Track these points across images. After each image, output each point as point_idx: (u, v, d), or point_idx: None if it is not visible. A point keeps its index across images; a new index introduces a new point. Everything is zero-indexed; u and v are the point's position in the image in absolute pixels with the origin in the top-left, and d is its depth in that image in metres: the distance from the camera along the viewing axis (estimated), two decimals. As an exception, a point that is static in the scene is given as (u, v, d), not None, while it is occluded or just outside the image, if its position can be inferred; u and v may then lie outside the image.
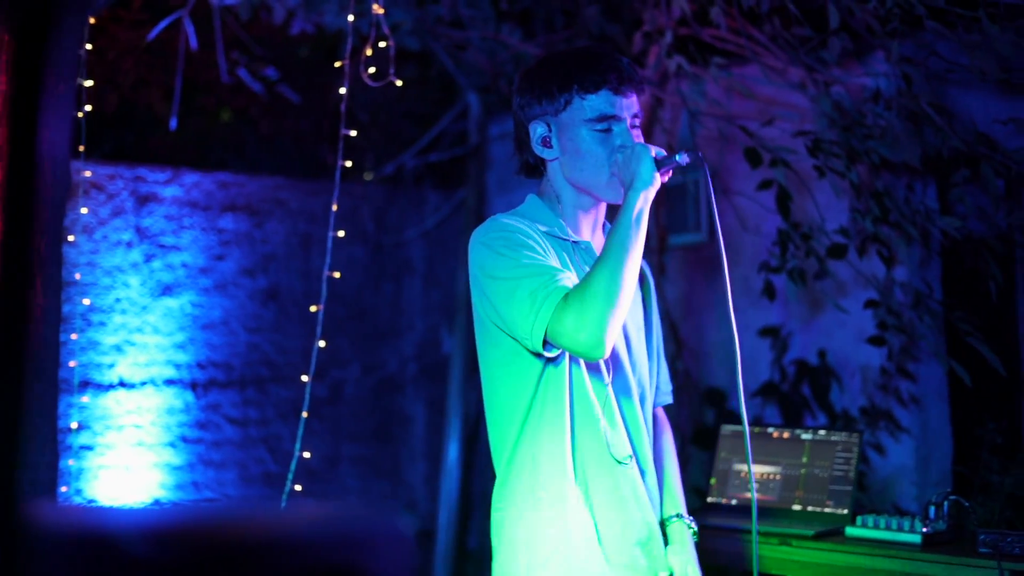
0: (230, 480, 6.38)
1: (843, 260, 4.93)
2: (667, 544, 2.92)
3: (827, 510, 3.95)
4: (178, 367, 6.23)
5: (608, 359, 2.82)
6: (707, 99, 5.41)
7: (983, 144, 4.66)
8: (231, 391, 6.41)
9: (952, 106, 4.93)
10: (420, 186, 7.37)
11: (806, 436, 4.12)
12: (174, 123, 6.09)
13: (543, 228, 2.78)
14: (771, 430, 4.21)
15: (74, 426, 5.66)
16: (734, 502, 4.16)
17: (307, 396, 4.37)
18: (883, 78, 4.85)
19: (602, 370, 2.80)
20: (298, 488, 4.48)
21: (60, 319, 3.96)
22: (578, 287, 2.57)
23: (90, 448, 5.89)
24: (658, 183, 2.71)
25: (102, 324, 6.00)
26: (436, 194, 7.40)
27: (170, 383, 6.19)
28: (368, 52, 4.54)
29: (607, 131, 2.79)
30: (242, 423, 6.44)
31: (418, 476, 7.15)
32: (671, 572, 2.88)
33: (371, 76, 4.57)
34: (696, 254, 6.03)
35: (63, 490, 5.26)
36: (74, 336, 5.69)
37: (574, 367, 2.76)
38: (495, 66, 6.54)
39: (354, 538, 1.11)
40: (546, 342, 2.60)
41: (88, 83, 4.39)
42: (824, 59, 4.91)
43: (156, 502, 6.07)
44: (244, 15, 5.93)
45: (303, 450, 4.39)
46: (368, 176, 7.23)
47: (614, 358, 2.84)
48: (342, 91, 4.40)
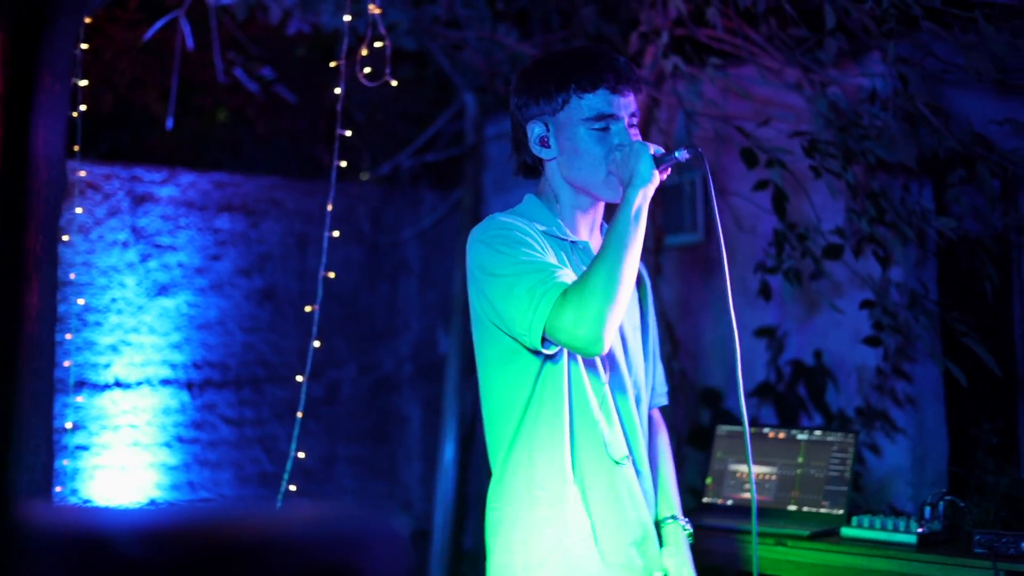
0: (226, 480, 6.38)
1: (839, 260, 4.94)
2: (662, 546, 2.92)
3: (823, 510, 3.95)
4: (174, 367, 6.22)
5: (605, 359, 2.81)
6: (703, 99, 5.41)
7: (979, 145, 4.66)
8: (227, 391, 6.41)
9: (948, 106, 4.94)
10: (416, 186, 7.37)
11: (802, 436, 4.12)
12: (170, 123, 6.08)
13: (541, 228, 2.78)
14: (767, 430, 4.21)
15: (69, 426, 5.65)
16: (730, 502, 4.16)
17: (303, 396, 4.37)
18: (879, 78, 4.85)
19: (599, 370, 2.80)
20: (293, 488, 4.48)
21: (56, 319, 3.95)
22: (577, 283, 2.56)
23: (86, 448, 5.89)
24: (657, 180, 2.70)
25: (98, 324, 6.00)
26: (432, 194, 7.40)
27: (166, 383, 6.19)
28: (364, 52, 4.54)
29: (605, 130, 2.78)
30: (238, 423, 6.43)
31: (414, 476, 7.15)
32: (666, 573, 2.88)
33: (367, 76, 4.57)
34: (692, 254, 6.03)
35: (58, 490, 5.25)
36: (69, 336, 5.68)
37: (572, 366, 2.75)
38: (491, 66, 6.53)
39: (348, 538, 1.11)
40: (544, 339, 2.59)
41: (84, 83, 4.39)
42: (820, 59, 4.91)
43: (152, 502, 6.07)
44: (240, 15, 5.92)
45: (299, 450, 4.38)
46: (364, 176, 7.23)
47: (610, 358, 2.83)
48: (338, 91, 4.40)
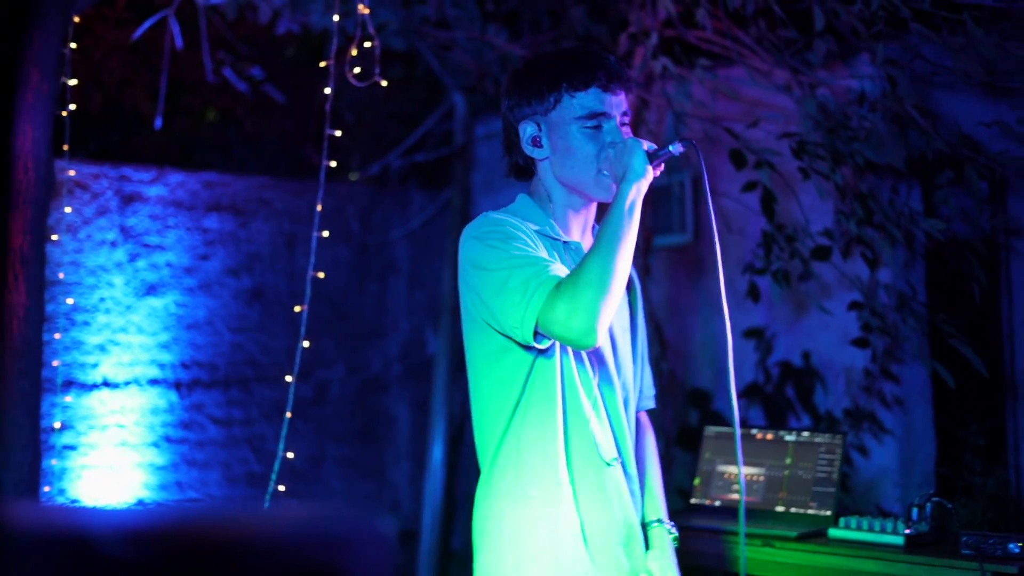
0: (214, 480, 6.37)
1: (827, 262, 4.94)
2: (648, 548, 2.92)
3: (810, 511, 3.96)
4: (162, 367, 6.21)
5: (594, 360, 2.82)
6: (692, 101, 5.41)
7: (967, 146, 4.67)
8: (215, 391, 6.40)
9: (936, 108, 4.95)
10: (405, 186, 7.37)
11: (790, 438, 4.13)
12: (159, 122, 6.08)
13: (534, 227, 2.78)
14: (755, 431, 4.22)
15: (57, 426, 5.64)
16: (718, 503, 4.16)
17: (291, 396, 4.37)
18: (868, 80, 4.86)
19: (589, 371, 2.80)
20: (282, 488, 4.47)
21: (43, 318, 3.95)
22: (570, 275, 2.56)
23: (73, 448, 5.88)
24: (650, 176, 2.70)
25: (86, 324, 5.99)
26: (421, 194, 7.40)
27: (154, 383, 6.18)
28: (354, 52, 4.54)
29: (597, 128, 2.79)
30: (226, 423, 6.43)
31: (402, 476, 7.15)
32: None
33: (357, 76, 4.56)
34: (681, 255, 6.04)
35: (46, 490, 5.24)
36: (57, 335, 5.68)
37: (564, 365, 2.75)
38: (481, 67, 6.53)
39: (334, 539, 1.11)
40: (537, 333, 2.59)
41: (73, 82, 4.38)
42: (809, 61, 4.92)
43: (139, 502, 6.06)
44: (230, 14, 5.92)
45: (287, 450, 4.38)
46: (353, 176, 7.23)
47: (600, 360, 2.83)
48: (327, 91, 4.39)
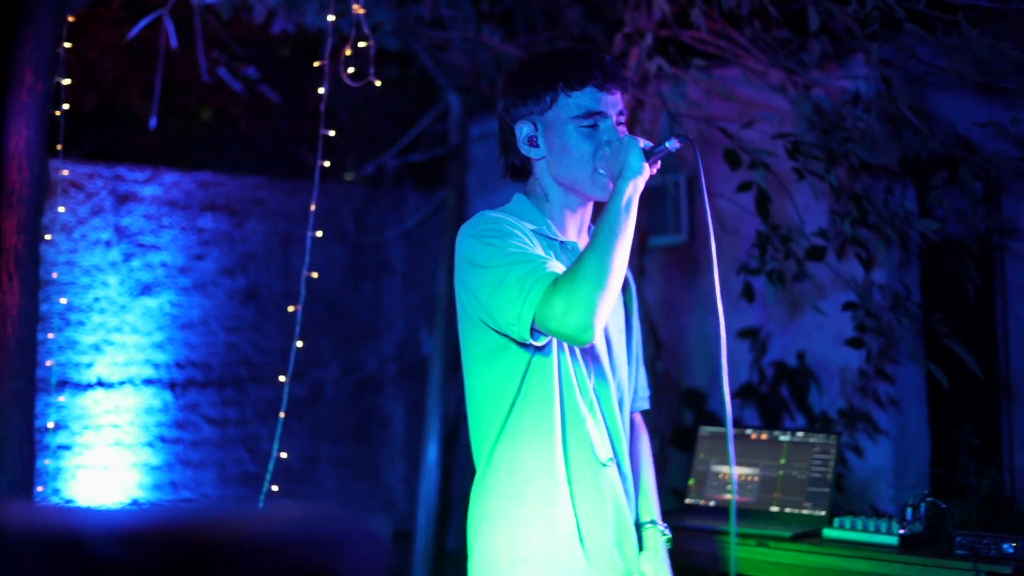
0: (208, 480, 6.36)
1: (822, 262, 4.95)
2: (641, 550, 2.92)
3: (805, 511, 3.96)
4: (157, 367, 6.21)
5: (589, 360, 2.82)
6: (687, 101, 5.41)
7: (962, 147, 4.68)
8: (210, 391, 6.40)
9: (931, 109, 4.95)
10: (400, 186, 7.37)
11: (784, 438, 4.13)
12: (154, 122, 6.07)
13: (531, 227, 2.79)
14: (749, 432, 4.22)
15: (51, 425, 5.64)
16: (712, 503, 4.16)
17: (285, 396, 4.36)
18: (863, 81, 4.86)
19: (584, 371, 2.80)
20: (276, 488, 4.47)
21: (37, 318, 3.94)
22: (567, 271, 2.56)
23: (68, 448, 5.87)
24: (647, 173, 2.71)
25: (80, 323, 5.98)
26: (416, 194, 7.39)
27: (149, 383, 6.17)
28: (348, 52, 4.53)
29: (593, 127, 2.80)
30: (221, 423, 6.42)
31: (397, 476, 7.15)
32: (643, 577, 2.89)
33: (351, 76, 4.56)
34: (676, 255, 6.04)
35: (40, 490, 5.24)
36: (52, 335, 5.67)
37: (561, 364, 2.76)
38: (476, 67, 6.53)
39: (327, 539, 1.11)
40: (534, 330, 2.59)
41: (67, 81, 4.37)
42: (804, 61, 4.92)
43: (134, 502, 6.05)
44: (225, 14, 5.91)
45: (282, 450, 4.38)
46: (348, 176, 7.22)
47: (595, 360, 2.84)
48: (322, 91, 4.39)
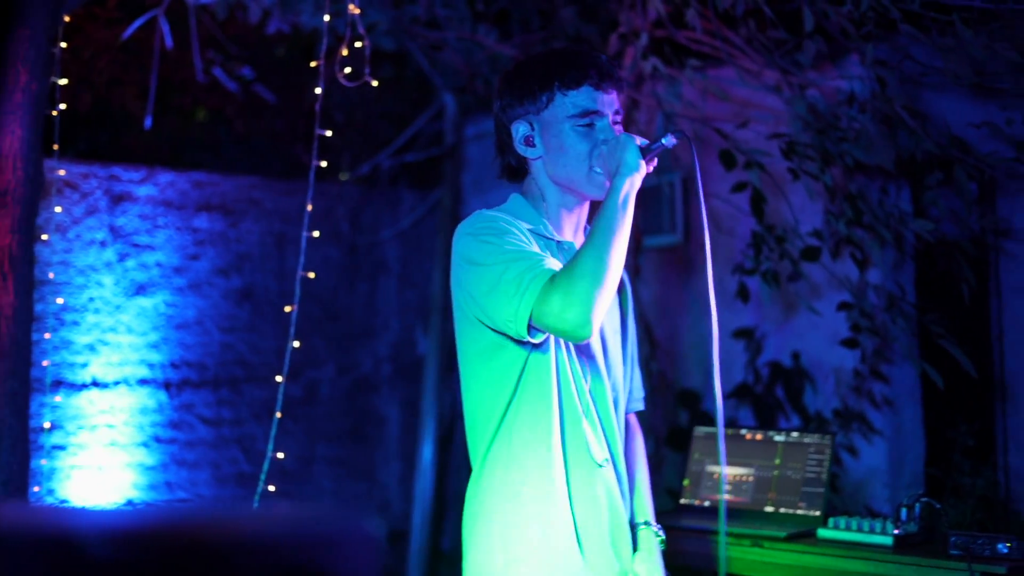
0: (203, 480, 6.36)
1: (817, 262, 4.95)
2: (635, 550, 2.92)
3: (799, 512, 3.96)
4: (151, 367, 6.20)
5: (585, 360, 2.82)
6: (682, 101, 5.42)
7: (956, 147, 4.68)
8: (205, 391, 6.39)
9: (926, 109, 4.96)
10: (395, 186, 7.36)
11: (779, 438, 4.13)
12: (149, 122, 6.07)
13: (527, 226, 2.79)
14: (744, 432, 4.22)
15: (46, 426, 5.63)
16: (707, 504, 4.16)
17: (280, 396, 4.36)
18: (857, 81, 4.87)
19: (580, 371, 2.80)
20: (271, 489, 4.47)
21: (32, 318, 3.94)
22: (565, 268, 2.57)
23: (62, 448, 5.87)
24: (644, 170, 2.71)
25: (75, 323, 5.98)
26: (411, 194, 7.39)
27: (143, 383, 6.17)
28: (344, 52, 4.53)
29: (590, 126, 2.81)
30: (216, 423, 6.42)
31: (392, 477, 7.14)
32: (636, 578, 2.89)
33: (347, 76, 4.56)
34: (671, 255, 6.04)
35: (35, 490, 5.23)
36: (47, 335, 5.67)
37: (559, 363, 2.76)
38: (471, 67, 6.53)
39: (321, 539, 1.11)
40: (531, 327, 2.59)
41: (63, 81, 4.37)
42: (799, 62, 4.93)
43: (129, 502, 6.05)
44: (220, 14, 5.91)
45: (277, 450, 4.38)
46: (344, 176, 7.22)
47: (591, 360, 2.84)
48: (318, 91, 4.39)
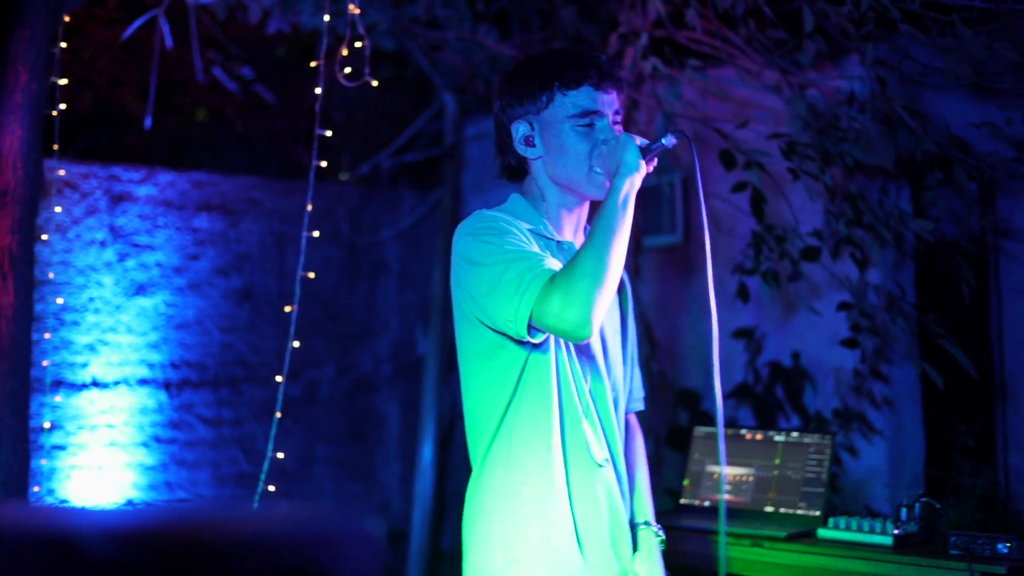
0: (203, 480, 6.36)
1: (817, 262, 4.95)
2: (635, 551, 2.93)
3: (799, 512, 3.96)
4: (151, 367, 6.20)
5: (585, 361, 2.82)
6: (682, 101, 5.42)
7: (956, 147, 4.68)
8: (205, 391, 6.39)
9: (926, 109, 4.96)
10: (395, 186, 7.37)
11: (779, 438, 4.13)
12: (149, 122, 6.07)
13: (527, 226, 2.79)
14: (744, 432, 4.22)
15: (47, 426, 5.63)
16: (707, 504, 4.16)
17: (280, 396, 4.36)
18: (857, 81, 4.87)
19: (580, 371, 2.80)
20: (271, 489, 4.47)
21: (32, 318, 3.94)
22: (565, 267, 2.57)
23: (62, 448, 5.87)
24: (644, 170, 2.71)
25: (75, 323, 5.98)
26: (411, 194, 7.39)
27: (143, 383, 6.17)
28: (344, 52, 4.53)
29: (590, 126, 2.81)
30: (216, 423, 6.42)
31: (392, 477, 7.14)
32: (636, 578, 2.89)
33: (347, 76, 4.56)
34: (671, 255, 6.04)
35: (35, 490, 5.23)
36: (47, 335, 5.67)
37: (559, 363, 2.76)
38: (471, 67, 6.53)
39: (321, 539, 1.11)
40: (531, 327, 2.60)
41: (63, 81, 4.37)
42: (799, 62, 4.93)
43: (129, 502, 6.05)
44: (220, 14, 5.91)
45: (277, 450, 4.38)
46: (344, 176, 7.22)
47: (591, 360, 2.84)
48: (318, 91, 4.39)
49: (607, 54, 5.33)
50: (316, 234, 4.53)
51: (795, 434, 4.12)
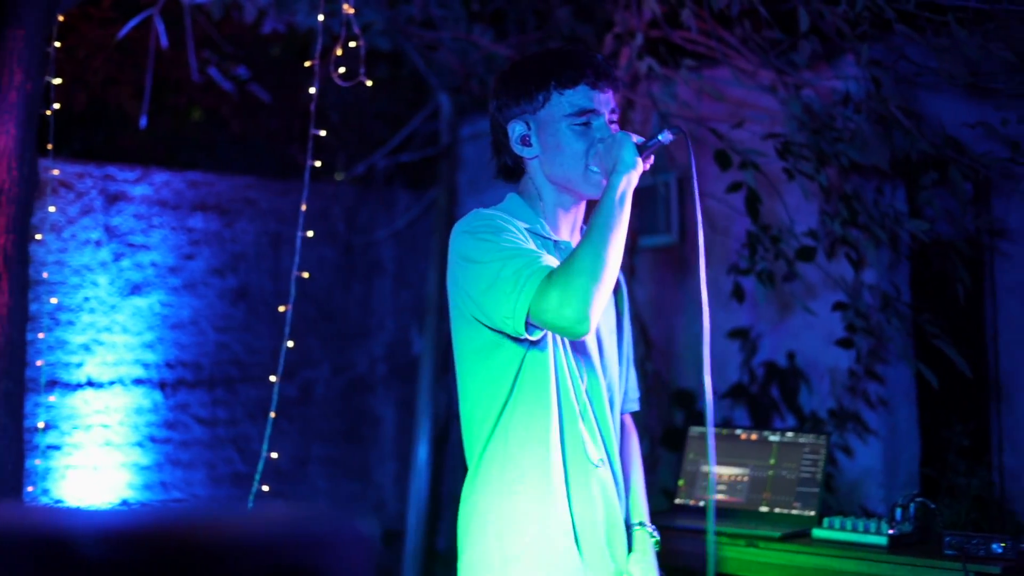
0: (198, 480, 6.36)
1: (812, 262, 4.95)
2: (630, 551, 2.93)
3: (794, 512, 3.97)
4: (147, 366, 6.20)
5: (581, 360, 2.82)
6: (677, 101, 5.42)
7: (951, 147, 4.68)
8: (200, 391, 6.39)
9: (921, 109, 4.96)
10: (391, 186, 7.36)
11: (774, 438, 4.13)
12: (144, 121, 6.06)
13: (524, 225, 2.79)
14: (739, 432, 4.22)
15: (41, 425, 5.62)
16: (702, 504, 4.16)
17: (275, 396, 4.36)
18: (852, 81, 4.87)
19: (577, 371, 2.80)
20: (266, 489, 4.46)
21: (27, 318, 3.94)
22: (563, 264, 2.57)
23: (57, 448, 5.86)
24: (640, 168, 2.71)
25: (70, 323, 5.97)
26: (407, 194, 7.39)
27: (138, 383, 6.16)
28: (339, 52, 4.53)
29: (586, 125, 2.81)
30: (211, 423, 6.41)
31: (387, 477, 7.14)
32: (631, 578, 2.89)
33: (342, 76, 4.56)
34: (667, 255, 6.04)
35: (30, 490, 5.23)
36: (41, 335, 5.66)
37: (556, 362, 2.76)
38: (466, 66, 6.53)
39: (314, 539, 1.10)
40: (529, 324, 2.60)
41: (57, 81, 4.36)
42: (794, 62, 4.93)
43: (124, 502, 6.05)
44: (215, 14, 5.91)
45: (272, 450, 4.37)
46: (339, 176, 7.22)
47: (587, 360, 2.84)
48: (312, 91, 4.39)
49: (602, 54, 5.35)
50: (311, 234, 4.53)
51: (790, 434, 4.12)
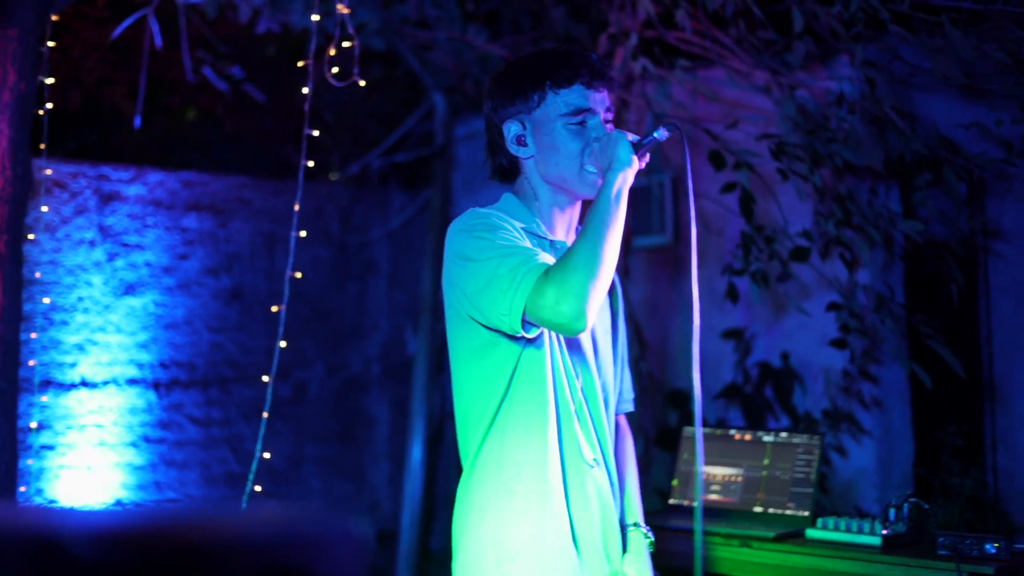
0: (192, 480, 6.35)
1: (806, 263, 4.96)
2: (624, 552, 2.93)
3: (788, 512, 3.97)
4: (141, 366, 6.19)
5: (576, 361, 2.82)
6: (672, 101, 5.42)
7: (945, 148, 4.69)
8: (194, 391, 6.38)
9: (915, 110, 4.97)
10: (385, 186, 7.36)
11: (768, 438, 4.14)
12: (138, 121, 6.06)
13: (520, 225, 2.79)
14: (733, 432, 4.22)
15: (34, 425, 5.61)
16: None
17: (269, 396, 4.36)
18: (847, 82, 4.88)
19: (572, 371, 2.80)
20: (259, 489, 4.46)
21: (20, 317, 3.93)
22: (559, 261, 2.57)
23: (51, 448, 5.85)
24: (636, 166, 2.72)
25: (64, 323, 5.97)
26: (401, 194, 7.39)
27: (132, 383, 6.16)
28: (333, 52, 4.53)
29: (582, 124, 2.81)
30: (205, 423, 6.41)
31: (381, 477, 7.14)
32: (625, 579, 2.89)
33: (336, 76, 4.55)
34: (661, 256, 6.04)
35: (23, 490, 5.22)
36: (35, 335, 5.65)
37: (553, 361, 2.76)
38: (461, 67, 6.53)
39: (307, 540, 1.10)
40: (525, 321, 2.59)
41: (51, 80, 4.36)
42: (788, 62, 4.93)
43: (117, 502, 6.04)
44: (210, 13, 5.90)
45: (266, 451, 4.37)
46: (333, 176, 7.21)
47: (581, 360, 2.84)
48: (306, 91, 4.38)
49: (597, 54, 5.35)
50: (305, 234, 4.52)
51: (784, 434, 4.12)
